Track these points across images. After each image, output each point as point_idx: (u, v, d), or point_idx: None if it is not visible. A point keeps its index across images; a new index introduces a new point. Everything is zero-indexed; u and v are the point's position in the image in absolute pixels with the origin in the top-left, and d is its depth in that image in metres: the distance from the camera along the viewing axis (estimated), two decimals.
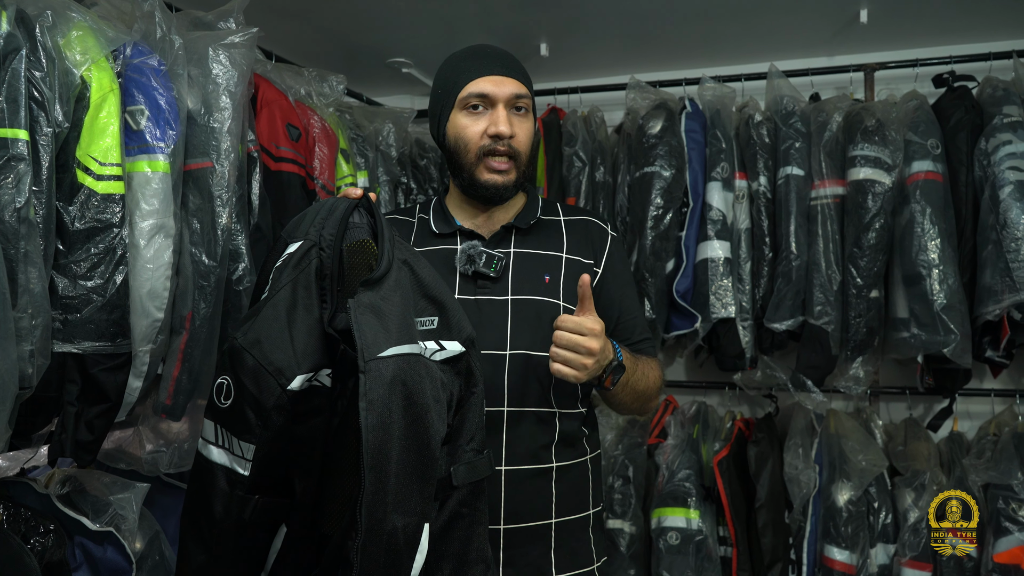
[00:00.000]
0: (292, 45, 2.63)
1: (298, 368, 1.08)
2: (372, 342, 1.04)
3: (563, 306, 1.44)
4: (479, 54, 1.45)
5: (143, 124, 1.40)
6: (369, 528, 1.00)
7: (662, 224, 2.43)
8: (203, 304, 1.50)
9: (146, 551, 1.57)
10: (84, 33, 1.33)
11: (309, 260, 1.15)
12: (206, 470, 1.12)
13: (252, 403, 1.07)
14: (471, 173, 1.43)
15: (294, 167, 1.86)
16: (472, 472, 1.21)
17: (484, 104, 1.41)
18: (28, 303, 1.19)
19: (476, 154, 1.42)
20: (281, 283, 1.13)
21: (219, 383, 1.11)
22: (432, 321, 1.19)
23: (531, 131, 1.46)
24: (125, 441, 1.73)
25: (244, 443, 1.08)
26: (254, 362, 1.07)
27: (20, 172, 1.18)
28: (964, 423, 2.55)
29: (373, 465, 1.00)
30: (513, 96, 1.42)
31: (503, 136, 1.40)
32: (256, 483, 1.09)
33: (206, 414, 1.14)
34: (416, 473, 1.05)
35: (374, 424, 1.01)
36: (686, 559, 2.35)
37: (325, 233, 1.18)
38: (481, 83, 1.41)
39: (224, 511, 1.10)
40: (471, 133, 1.42)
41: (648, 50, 2.76)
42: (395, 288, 1.13)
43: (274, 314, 1.10)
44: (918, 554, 2.21)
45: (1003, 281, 2.13)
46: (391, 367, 1.04)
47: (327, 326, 1.12)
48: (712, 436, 2.55)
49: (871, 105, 2.38)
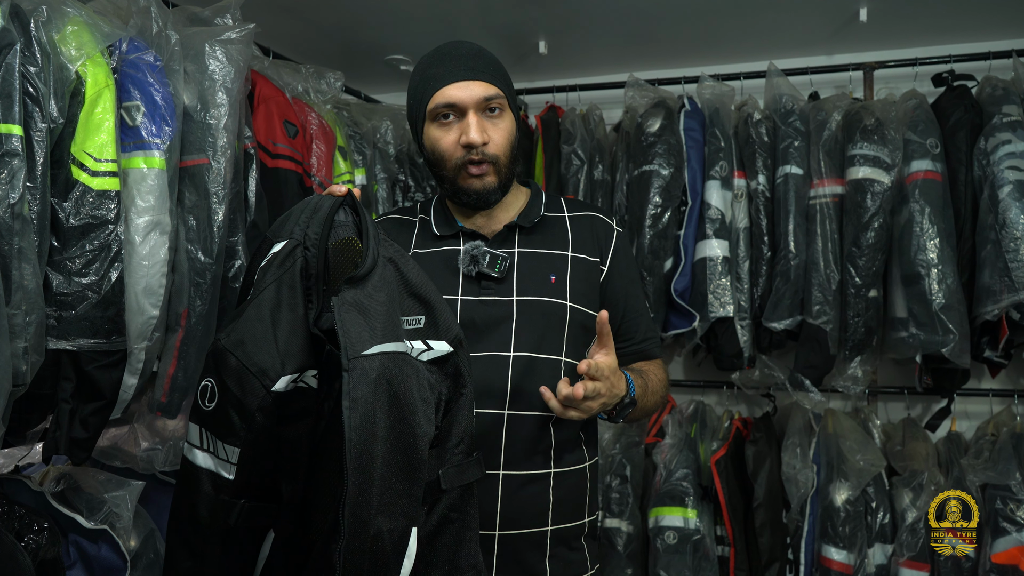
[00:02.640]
0: (289, 41, 2.63)
1: (282, 369, 1.06)
2: (356, 340, 1.02)
3: (570, 306, 1.41)
4: (444, 59, 1.40)
5: (139, 120, 1.39)
6: (352, 531, 0.98)
7: (660, 223, 2.43)
8: (199, 301, 1.49)
9: (141, 549, 1.56)
10: (79, 28, 1.32)
11: (294, 259, 1.13)
12: (191, 474, 1.10)
13: (236, 405, 1.05)
14: (453, 182, 1.41)
15: (291, 164, 1.85)
16: (461, 475, 1.18)
17: (454, 112, 1.37)
18: (22, 299, 1.18)
19: (454, 165, 1.39)
20: (265, 283, 1.11)
21: (203, 385, 1.09)
22: (419, 320, 1.17)
23: (508, 130, 1.41)
24: (120, 439, 1.73)
25: (229, 446, 1.06)
26: (237, 363, 1.05)
27: (14, 168, 1.17)
28: (962, 423, 2.54)
29: (357, 465, 0.98)
30: (482, 100, 1.37)
31: (475, 145, 1.36)
32: (242, 487, 1.08)
33: (191, 417, 1.12)
34: (403, 474, 1.03)
35: (358, 423, 0.99)
36: (683, 558, 2.35)
37: (310, 232, 1.16)
38: (447, 92, 1.36)
39: (210, 516, 1.08)
40: (445, 145, 1.39)
41: (647, 48, 2.76)
42: (380, 286, 1.11)
43: (258, 314, 1.08)
44: (916, 554, 2.21)
45: (1002, 281, 2.13)
46: (376, 365, 1.02)
47: (312, 326, 1.10)
48: (710, 435, 2.55)
49: (870, 104, 2.37)
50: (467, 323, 1.36)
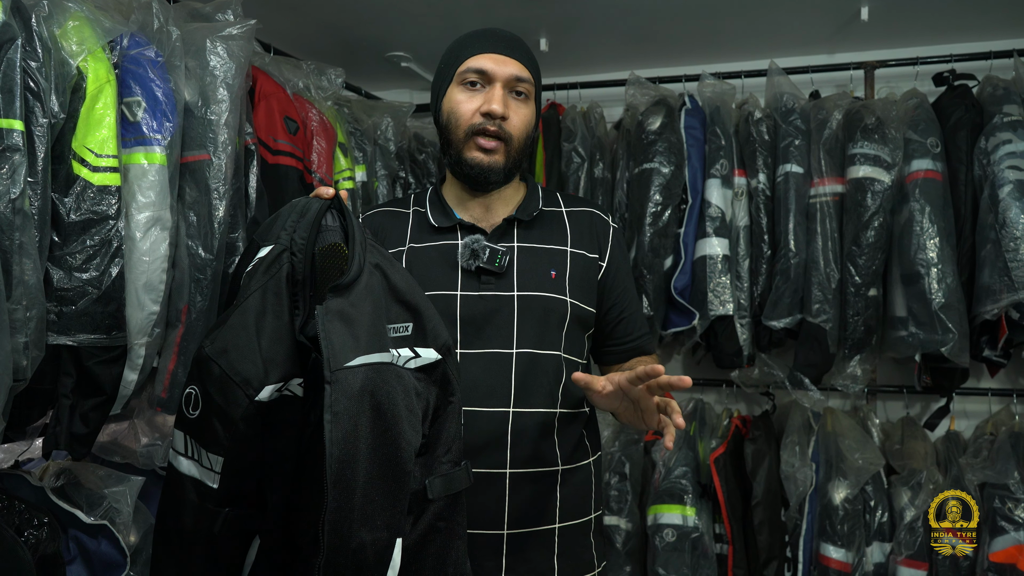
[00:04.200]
0: (290, 38, 2.62)
1: (266, 378, 1.04)
2: (339, 351, 1.00)
3: (570, 302, 1.41)
4: (487, 33, 1.42)
5: (140, 116, 1.39)
6: (333, 545, 0.96)
7: (661, 221, 2.43)
8: (199, 297, 1.49)
9: (140, 544, 1.56)
10: (80, 23, 1.32)
11: (280, 265, 1.11)
12: (176, 482, 1.09)
13: (219, 414, 1.04)
14: (459, 150, 1.39)
15: (292, 160, 1.85)
16: (449, 485, 1.16)
17: (482, 81, 1.37)
18: (23, 295, 1.18)
19: (466, 131, 1.38)
20: (250, 289, 1.09)
21: (187, 393, 1.08)
22: (406, 327, 1.14)
23: (528, 118, 1.41)
24: (120, 434, 1.73)
25: (212, 455, 1.05)
26: (220, 372, 1.04)
27: (15, 163, 1.17)
28: (961, 422, 2.55)
29: (337, 480, 0.96)
30: (513, 78, 1.37)
31: (495, 115, 1.35)
32: (226, 496, 1.06)
33: (176, 424, 1.11)
34: (386, 487, 1.01)
35: (339, 437, 0.97)
36: (682, 556, 2.35)
37: (297, 237, 1.14)
38: (481, 59, 1.37)
39: (194, 524, 1.07)
40: (464, 109, 1.38)
41: (648, 46, 2.76)
42: (366, 294, 1.08)
43: (242, 322, 1.07)
44: (914, 553, 2.21)
45: (1001, 280, 2.13)
46: (359, 377, 1.00)
47: (298, 334, 1.09)
48: (709, 433, 2.55)
49: (871, 103, 2.37)
50: (467, 318, 1.35)
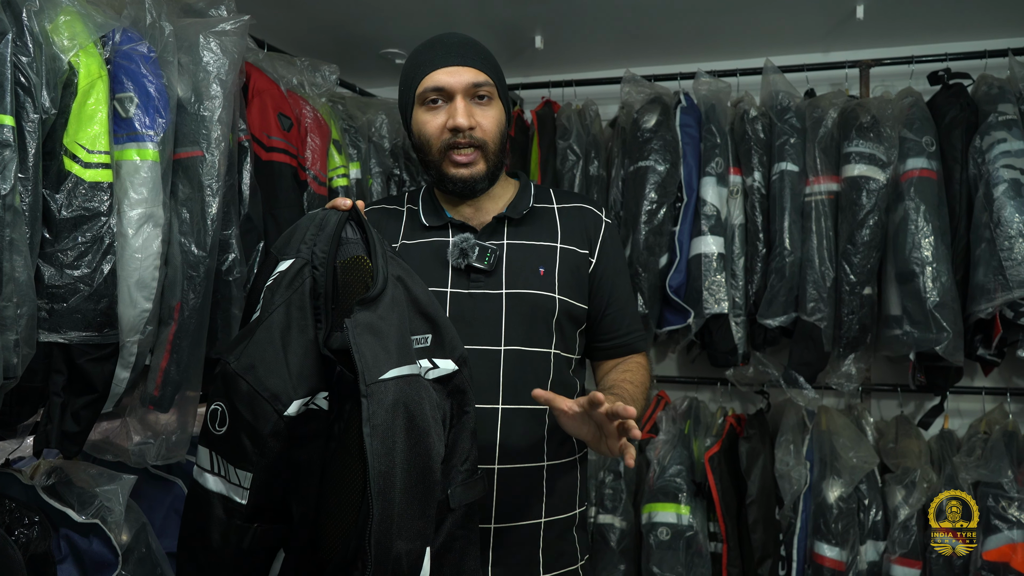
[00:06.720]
0: (284, 34, 2.61)
1: (294, 393, 1.05)
2: (372, 364, 1.01)
3: (558, 299, 1.41)
4: (435, 46, 1.41)
5: (132, 112, 1.38)
6: (378, 557, 0.97)
7: (656, 219, 2.43)
8: (192, 295, 1.48)
9: (132, 543, 1.55)
10: (72, 18, 1.31)
11: (302, 279, 1.12)
12: (202, 499, 1.08)
13: (248, 430, 1.04)
14: (438, 169, 1.41)
15: (285, 157, 1.84)
16: (468, 493, 1.19)
17: (442, 97, 1.38)
18: (13, 292, 1.17)
19: (439, 149, 1.39)
20: (274, 304, 1.10)
21: (213, 409, 1.07)
22: (426, 339, 1.16)
23: (497, 118, 1.42)
24: (112, 432, 1.72)
25: (241, 471, 1.05)
26: (249, 388, 1.04)
27: (5, 159, 1.16)
28: (955, 421, 2.55)
29: (380, 492, 0.97)
30: (470, 85, 1.38)
31: (461, 128, 1.36)
32: (254, 511, 1.06)
33: (200, 441, 1.11)
34: (419, 497, 1.03)
35: (379, 450, 0.98)
36: (676, 554, 2.35)
37: (317, 250, 1.14)
38: (436, 76, 1.37)
39: (222, 540, 1.07)
40: (431, 129, 1.39)
41: (643, 44, 2.75)
42: (392, 307, 1.10)
43: (268, 337, 1.07)
44: (907, 551, 2.22)
45: (996, 279, 2.14)
46: (392, 390, 1.01)
47: (323, 347, 1.09)
48: (703, 432, 2.55)
49: (866, 102, 2.37)
50: (456, 316, 1.36)
